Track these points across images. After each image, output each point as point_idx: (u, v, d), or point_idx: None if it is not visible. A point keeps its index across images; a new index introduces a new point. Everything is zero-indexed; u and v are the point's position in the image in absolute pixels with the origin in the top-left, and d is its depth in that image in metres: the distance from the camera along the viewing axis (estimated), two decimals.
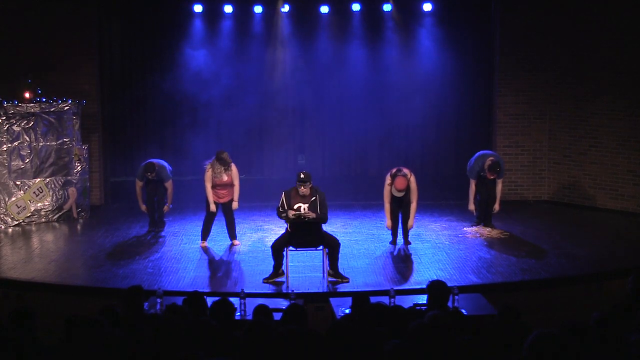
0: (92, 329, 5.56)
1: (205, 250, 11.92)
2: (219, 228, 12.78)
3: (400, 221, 11.87)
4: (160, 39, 15.64)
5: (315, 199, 10.38)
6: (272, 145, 16.05)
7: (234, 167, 11.98)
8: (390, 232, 11.92)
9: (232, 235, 12.20)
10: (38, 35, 14.32)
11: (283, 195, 10.44)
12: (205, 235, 12.19)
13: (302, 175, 10.35)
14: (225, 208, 12.04)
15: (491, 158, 12.47)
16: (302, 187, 10.30)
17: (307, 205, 10.37)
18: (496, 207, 12.57)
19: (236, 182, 11.96)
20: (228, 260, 11.40)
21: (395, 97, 15.72)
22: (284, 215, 10.31)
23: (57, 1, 14.29)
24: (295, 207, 10.38)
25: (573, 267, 10.97)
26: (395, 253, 11.64)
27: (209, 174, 11.85)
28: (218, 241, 12.31)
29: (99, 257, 11.60)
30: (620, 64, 13.87)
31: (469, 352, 5.17)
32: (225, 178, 11.90)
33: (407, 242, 11.89)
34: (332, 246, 10.21)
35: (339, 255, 10.30)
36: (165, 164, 12.87)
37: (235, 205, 12.02)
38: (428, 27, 15.43)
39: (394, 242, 11.95)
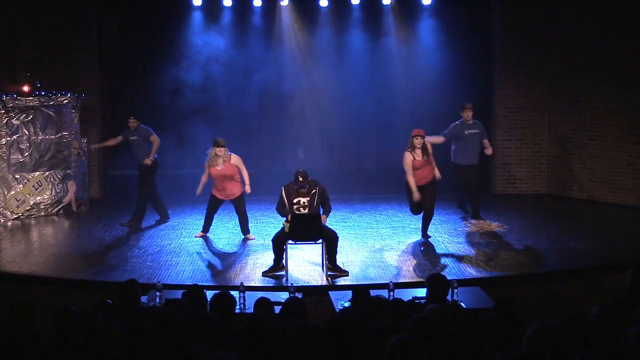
0: (87, 323, 5.57)
1: (205, 243, 11.92)
2: (217, 222, 12.78)
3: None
4: (159, 32, 15.60)
5: (315, 192, 10.39)
6: (272, 138, 16.04)
7: (234, 157, 11.90)
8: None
9: (244, 229, 12.15)
10: (37, 28, 14.30)
11: (283, 190, 10.44)
12: (205, 226, 12.20)
13: (300, 178, 10.34)
14: (234, 203, 12.00)
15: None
16: (302, 189, 10.31)
17: (307, 199, 10.38)
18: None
19: (242, 169, 11.88)
20: (227, 254, 11.40)
21: (394, 91, 15.69)
22: (286, 214, 10.34)
23: None
24: (295, 201, 10.38)
25: (572, 260, 10.97)
26: (394, 247, 11.64)
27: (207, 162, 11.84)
28: (217, 234, 12.32)
29: (98, 251, 11.61)
30: (620, 58, 13.86)
31: (467, 345, 5.17)
32: (220, 167, 11.81)
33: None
34: (330, 240, 10.21)
35: (337, 249, 10.30)
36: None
37: (247, 189, 11.89)
38: (427, 20, 15.40)
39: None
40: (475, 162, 12.76)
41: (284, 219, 10.35)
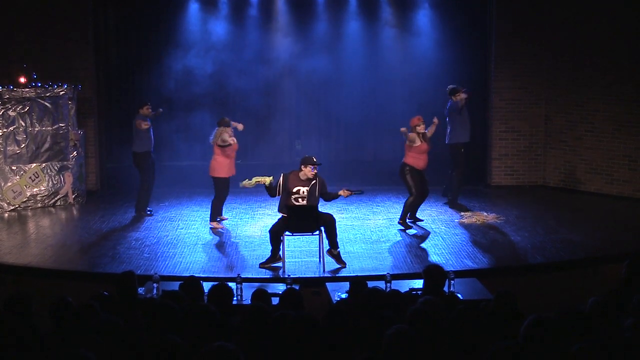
0: (84, 314, 5.57)
1: (202, 234, 11.91)
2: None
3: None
4: (156, 23, 15.57)
5: (316, 182, 10.40)
6: (269, 130, 16.03)
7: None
8: None
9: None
10: (33, 19, 14.25)
11: (281, 177, 10.44)
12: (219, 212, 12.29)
13: (314, 159, 10.38)
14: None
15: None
16: (315, 171, 10.32)
17: (307, 188, 10.38)
18: None
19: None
20: (224, 245, 11.41)
21: (391, 82, 15.69)
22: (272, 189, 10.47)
23: None
24: (295, 190, 10.37)
25: (569, 252, 10.99)
26: (391, 238, 11.65)
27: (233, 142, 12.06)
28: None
29: (95, 243, 11.60)
30: (617, 49, 13.85)
31: (464, 336, 5.18)
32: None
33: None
34: (328, 224, 10.19)
35: (337, 231, 10.28)
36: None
37: None
38: (424, 11, 15.39)
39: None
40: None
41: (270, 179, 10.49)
